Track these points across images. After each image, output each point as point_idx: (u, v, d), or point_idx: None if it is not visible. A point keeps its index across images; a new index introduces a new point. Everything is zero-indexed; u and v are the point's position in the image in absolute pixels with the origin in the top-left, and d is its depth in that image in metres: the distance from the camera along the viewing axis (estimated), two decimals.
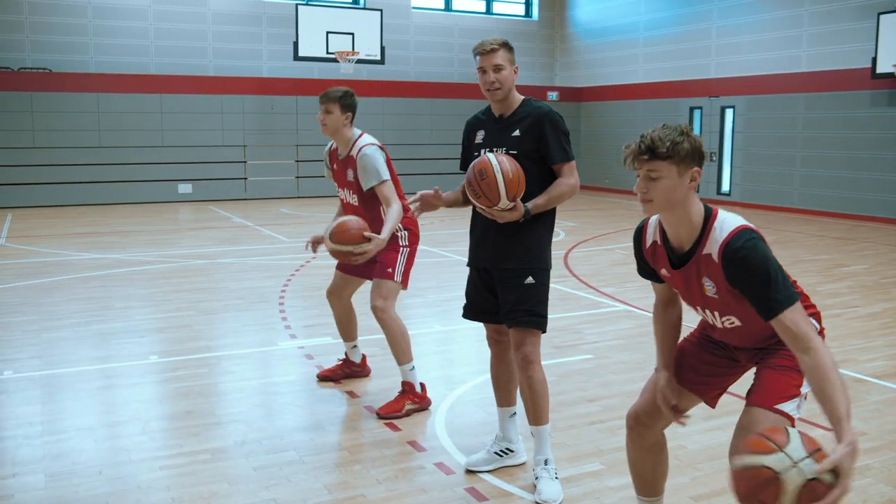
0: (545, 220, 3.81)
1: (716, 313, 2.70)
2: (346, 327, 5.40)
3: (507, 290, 3.79)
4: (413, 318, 6.07)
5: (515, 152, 3.71)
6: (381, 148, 4.92)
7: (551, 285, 3.97)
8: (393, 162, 5.02)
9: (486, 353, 6.15)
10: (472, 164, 3.63)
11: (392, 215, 4.73)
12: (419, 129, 19.91)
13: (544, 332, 3.84)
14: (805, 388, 2.73)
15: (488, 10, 22.33)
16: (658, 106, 19.69)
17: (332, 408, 4.98)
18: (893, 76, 14.10)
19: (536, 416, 3.83)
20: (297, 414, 4.86)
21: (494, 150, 3.76)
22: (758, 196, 17.38)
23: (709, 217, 2.58)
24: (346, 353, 5.52)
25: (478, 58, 3.77)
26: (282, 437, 4.45)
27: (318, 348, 6.23)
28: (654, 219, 2.77)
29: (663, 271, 2.78)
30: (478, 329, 6.90)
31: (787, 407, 2.69)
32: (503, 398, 4.09)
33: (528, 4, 22.99)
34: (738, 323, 2.69)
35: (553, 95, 22.31)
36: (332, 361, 5.80)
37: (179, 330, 6.76)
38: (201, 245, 11.59)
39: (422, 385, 4.96)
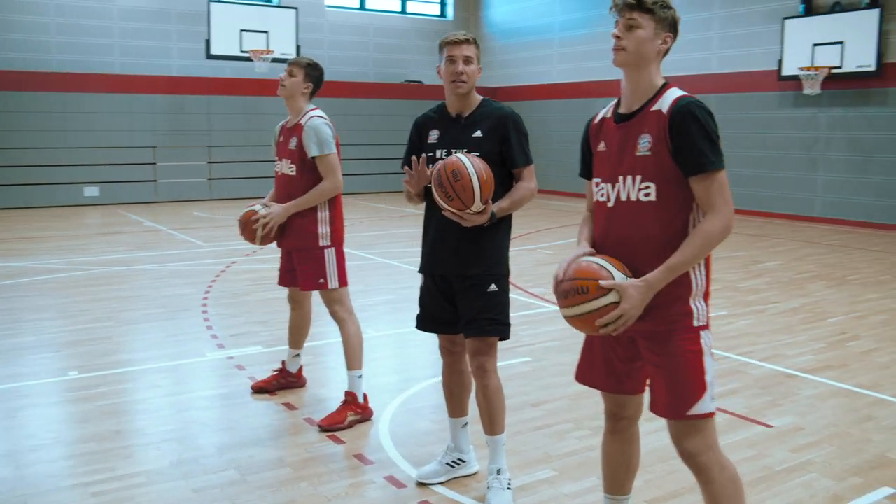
0: (504, 226, 3.70)
1: (637, 179, 2.63)
2: (298, 334, 5.24)
3: (471, 299, 3.64)
4: (331, 323, 5.86)
5: (477, 153, 3.57)
6: (332, 128, 4.81)
7: None
8: None
9: (423, 358, 6.08)
10: (441, 164, 3.43)
11: (317, 190, 4.67)
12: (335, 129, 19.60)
13: (507, 339, 3.75)
14: (711, 374, 2.65)
15: (403, 10, 22.20)
16: (572, 106, 19.94)
17: (270, 421, 4.78)
18: (799, 79, 14.61)
19: (492, 425, 3.73)
20: (234, 429, 4.63)
21: (454, 151, 3.61)
22: None
23: (666, 84, 2.71)
24: (283, 363, 5.31)
25: (445, 49, 3.63)
26: (220, 455, 4.23)
27: (249, 358, 6.00)
28: (610, 105, 2.85)
29: (601, 146, 2.79)
30: (411, 334, 6.79)
31: (702, 407, 2.63)
32: (456, 409, 3.96)
33: (442, 4, 22.96)
34: (653, 196, 2.61)
35: None
36: (264, 372, 5.59)
37: (99, 342, 6.41)
38: (114, 251, 11.09)
39: (364, 395, 4.81)
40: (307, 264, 4.82)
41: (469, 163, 3.39)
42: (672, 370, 2.65)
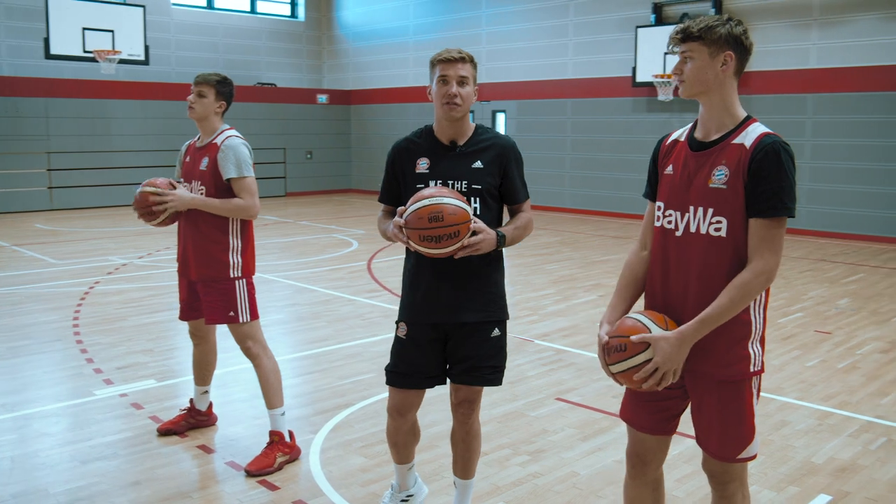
0: (502, 267, 3.44)
1: (708, 212, 2.56)
2: (205, 370, 4.82)
3: (472, 346, 3.33)
4: (229, 350, 5.42)
5: (480, 187, 3.27)
6: (250, 149, 4.48)
7: (370, 305, 3.47)
8: (155, 170, 4.63)
9: (335, 385, 5.78)
10: (409, 231, 3.07)
11: (233, 203, 4.32)
12: (184, 134, 18.63)
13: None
14: (756, 418, 2.66)
15: (253, 10, 21.49)
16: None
17: (189, 468, 4.36)
18: (652, 85, 15.23)
19: (468, 469, 3.54)
20: (152, 480, 4.18)
21: (451, 183, 3.28)
22: (531, 197, 18.05)
23: (749, 118, 2.63)
24: (191, 401, 4.89)
25: (437, 67, 3.27)
26: None
27: (144, 395, 5.50)
28: (685, 128, 2.78)
29: (669, 169, 2.71)
30: (313, 358, 6.46)
31: (750, 451, 2.66)
32: (405, 457, 3.66)
33: (293, 5, 22.40)
34: (723, 232, 2.54)
35: (322, 98, 21.93)
36: (165, 409, 5.16)
37: None
38: None
39: (290, 433, 4.49)
40: (215, 296, 4.43)
41: (431, 197, 3.06)
42: (726, 415, 2.62)
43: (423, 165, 3.34)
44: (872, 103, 13.22)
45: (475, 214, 3.26)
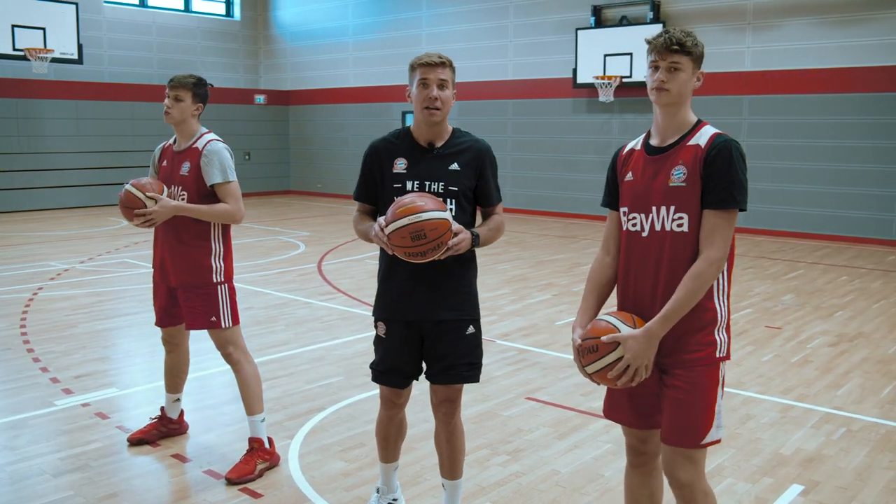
0: (475, 267, 3.49)
1: (671, 209, 2.70)
2: (177, 377, 4.72)
3: (449, 344, 3.36)
4: (197, 354, 5.29)
5: (456, 189, 3.30)
6: (230, 152, 4.42)
7: (326, 308, 3.50)
8: (89, 172, 4.56)
9: (304, 390, 5.72)
10: (394, 247, 3.09)
11: (219, 207, 4.25)
12: (118, 134, 18.17)
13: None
14: (720, 404, 2.76)
15: (187, 8, 21.06)
16: (370, 110, 19.89)
17: (166, 478, 4.26)
18: (593, 86, 15.46)
19: (455, 469, 3.55)
20: (128, 492, 4.06)
21: (428, 183, 3.30)
22: None
23: (700, 121, 2.80)
24: (162, 409, 4.78)
25: (417, 70, 3.28)
26: None
27: (108, 403, 5.35)
28: (639, 138, 2.92)
29: (628, 176, 2.83)
30: (277, 362, 6.38)
31: (713, 435, 2.75)
32: (392, 455, 3.70)
33: (229, 4, 22.05)
34: (685, 227, 2.68)
35: (260, 98, 21.65)
36: (132, 418, 5.02)
37: None
38: None
39: (269, 439, 4.43)
40: (197, 301, 4.35)
41: (410, 213, 3.04)
42: (691, 400, 2.71)
43: (400, 165, 3.36)
44: (804, 105, 13.67)
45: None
